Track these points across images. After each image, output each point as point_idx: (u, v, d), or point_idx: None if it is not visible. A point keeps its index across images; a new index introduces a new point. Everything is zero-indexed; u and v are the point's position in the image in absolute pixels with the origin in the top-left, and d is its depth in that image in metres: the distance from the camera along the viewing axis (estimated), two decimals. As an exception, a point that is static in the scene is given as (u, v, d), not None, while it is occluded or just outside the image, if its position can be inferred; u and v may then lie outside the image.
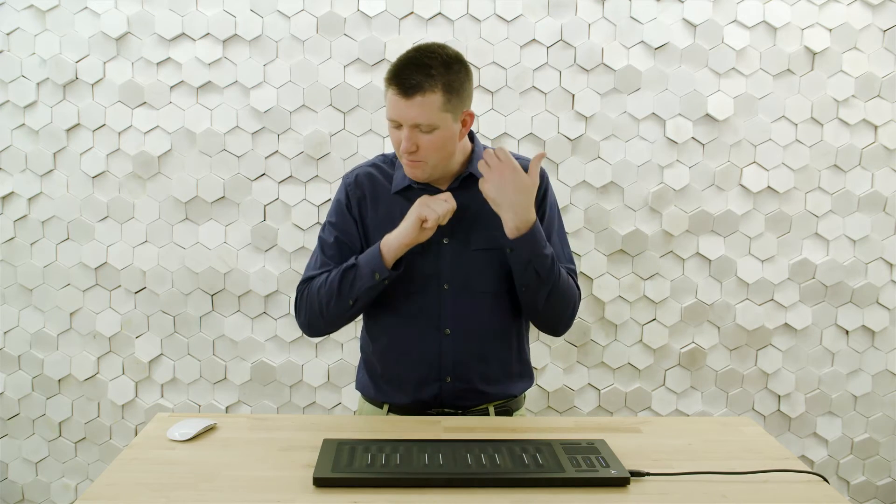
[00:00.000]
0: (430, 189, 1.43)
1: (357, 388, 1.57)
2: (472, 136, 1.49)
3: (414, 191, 1.43)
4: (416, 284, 1.41)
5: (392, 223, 1.39)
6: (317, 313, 1.42)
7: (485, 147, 1.49)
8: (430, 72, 1.28)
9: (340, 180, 2.20)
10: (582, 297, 1.52)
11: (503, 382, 1.48)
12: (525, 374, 1.54)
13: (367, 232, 1.45)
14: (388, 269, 1.34)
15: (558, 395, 2.30)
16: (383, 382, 1.49)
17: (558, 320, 1.45)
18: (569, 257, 1.51)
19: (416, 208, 1.34)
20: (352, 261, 1.39)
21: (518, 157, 1.50)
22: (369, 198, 1.46)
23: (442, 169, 1.40)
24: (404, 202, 1.42)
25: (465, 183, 1.44)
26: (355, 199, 1.46)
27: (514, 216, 1.32)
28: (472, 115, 1.38)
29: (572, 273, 1.49)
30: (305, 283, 1.46)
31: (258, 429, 1.30)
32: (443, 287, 1.42)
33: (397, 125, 1.32)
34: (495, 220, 1.40)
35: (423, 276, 1.41)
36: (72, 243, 2.23)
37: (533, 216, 1.33)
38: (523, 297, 1.41)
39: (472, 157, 1.45)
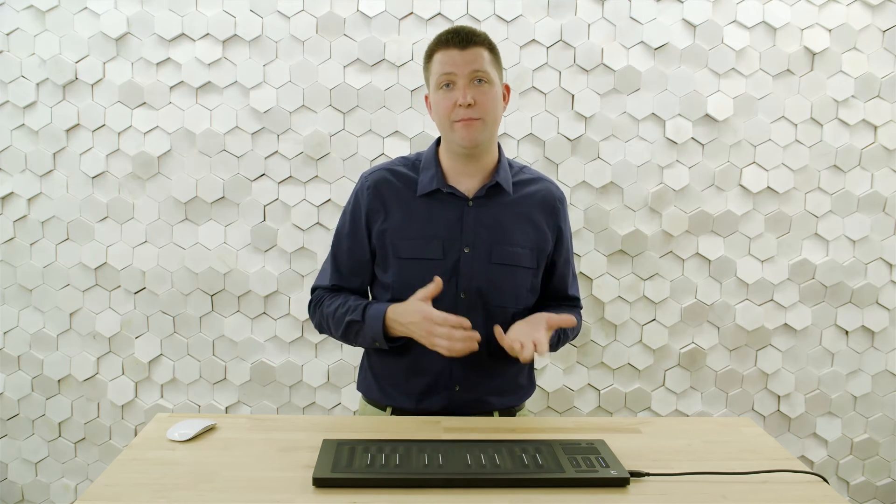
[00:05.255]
0: (457, 194, 1.41)
1: (359, 388, 1.56)
2: (498, 147, 1.48)
3: (442, 194, 1.41)
4: None
5: (415, 227, 1.39)
6: (329, 333, 1.48)
7: (519, 164, 1.51)
8: (475, 30, 1.37)
9: (343, 182, 2.21)
10: (582, 298, 1.55)
11: (510, 395, 1.49)
12: (530, 386, 1.56)
13: (383, 238, 1.42)
14: (388, 342, 1.38)
15: (558, 396, 2.30)
16: (389, 387, 1.48)
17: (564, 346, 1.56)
18: (573, 276, 1.55)
19: (436, 338, 1.29)
20: (357, 316, 1.39)
21: (543, 178, 1.51)
22: (387, 204, 1.43)
23: (489, 138, 1.39)
24: (430, 206, 1.41)
25: (490, 192, 1.42)
26: (368, 208, 1.44)
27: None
28: (508, 89, 1.45)
29: (574, 303, 1.55)
30: (319, 291, 1.49)
31: (258, 429, 1.30)
32: (459, 296, 1.41)
33: (450, 84, 1.34)
34: (517, 236, 1.41)
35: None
36: (71, 243, 2.23)
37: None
38: None
39: (498, 167, 1.43)
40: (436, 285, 1.31)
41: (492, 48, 1.38)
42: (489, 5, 2.15)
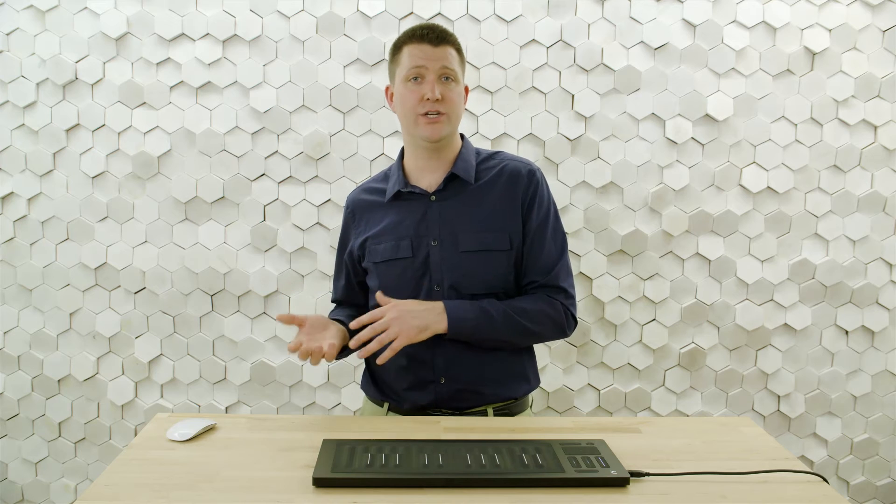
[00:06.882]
0: (417, 193, 1.45)
1: (361, 386, 1.59)
2: (461, 136, 1.52)
3: (405, 195, 1.47)
4: (407, 287, 1.43)
5: (386, 232, 1.46)
6: None
7: (477, 150, 1.52)
8: (447, 30, 1.42)
9: (343, 181, 2.22)
10: (578, 297, 1.51)
11: (499, 383, 1.48)
12: (523, 376, 1.51)
13: (364, 249, 1.50)
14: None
15: (558, 395, 2.30)
16: (384, 383, 1.51)
17: (547, 339, 1.49)
18: (555, 262, 1.45)
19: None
20: None
21: (514, 158, 1.51)
22: (363, 218, 1.52)
23: (451, 133, 1.43)
24: (397, 208, 1.47)
25: (450, 184, 1.45)
26: (348, 227, 1.56)
27: (432, 323, 1.35)
28: (467, 90, 1.50)
29: (550, 287, 1.44)
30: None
31: (258, 429, 1.30)
32: (433, 289, 1.42)
33: (418, 77, 1.39)
34: (482, 222, 1.43)
35: (413, 279, 1.42)
36: (71, 243, 2.23)
37: (439, 307, 1.36)
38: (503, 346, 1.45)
39: (457, 159, 1.46)
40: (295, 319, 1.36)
41: (459, 49, 1.43)
42: (489, 5, 2.15)
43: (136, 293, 2.25)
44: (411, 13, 2.15)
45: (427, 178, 1.46)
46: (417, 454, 1.13)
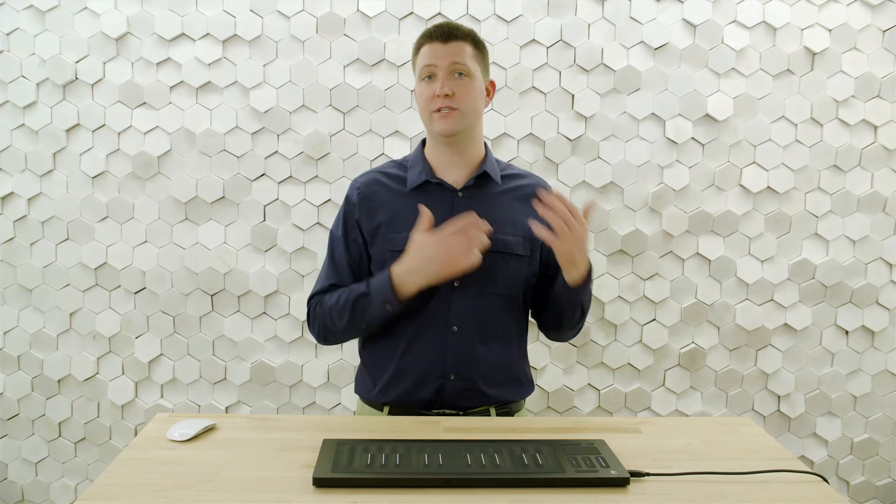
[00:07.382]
0: (446, 186, 1.45)
1: (356, 391, 1.56)
2: (485, 145, 1.53)
3: (431, 187, 1.46)
4: None
5: (406, 221, 1.41)
6: (331, 330, 1.46)
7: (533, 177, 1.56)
8: (460, 26, 1.43)
9: (343, 181, 2.22)
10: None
11: (505, 385, 1.49)
12: (526, 381, 1.54)
13: (377, 234, 1.46)
14: (400, 302, 1.37)
15: (558, 396, 2.30)
16: (384, 382, 1.48)
17: (570, 328, 1.52)
18: None
19: (457, 250, 1.32)
20: (363, 288, 1.40)
21: (529, 174, 1.54)
22: (379, 202, 1.47)
23: (468, 128, 1.43)
24: (420, 199, 1.43)
25: (479, 182, 1.46)
26: (360, 208, 1.48)
27: (580, 269, 1.37)
28: (493, 85, 1.51)
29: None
30: (316, 296, 1.49)
31: (258, 429, 1.30)
32: (453, 284, 1.42)
33: (431, 76, 1.40)
34: (506, 224, 1.43)
35: None
36: (71, 243, 2.23)
37: (589, 263, 1.40)
38: (556, 317, 1.48)
39: (485, 159, 1.49)
40: (427, 218, 1.35)
41: (476, 43, 1.43)
42: (489, 5, 2.15)
43: (136, 293, 2.25)
44: (411, 13, 2.15)
45: (451, 173, 1.47)
46: (417, 454, 1.13)
